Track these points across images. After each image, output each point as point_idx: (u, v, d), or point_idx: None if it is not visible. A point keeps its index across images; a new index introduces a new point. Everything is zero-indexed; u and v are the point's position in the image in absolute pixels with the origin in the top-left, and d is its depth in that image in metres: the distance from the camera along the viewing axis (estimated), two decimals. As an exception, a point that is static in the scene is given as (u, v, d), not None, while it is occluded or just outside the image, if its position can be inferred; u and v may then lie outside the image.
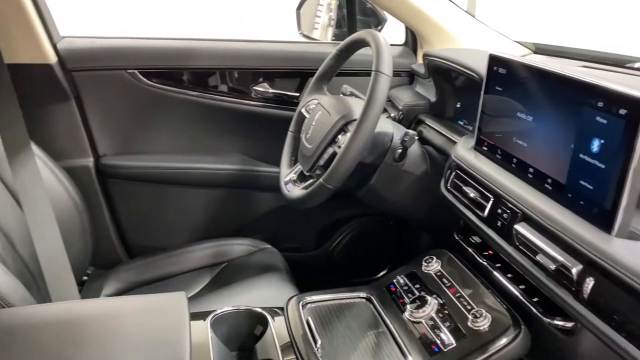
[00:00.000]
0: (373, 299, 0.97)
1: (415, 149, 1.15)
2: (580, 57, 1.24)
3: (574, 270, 0.66)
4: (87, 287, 1.32)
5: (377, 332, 0.89)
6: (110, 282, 1.32)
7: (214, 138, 1.53)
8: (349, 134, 1.00)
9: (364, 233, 1.70)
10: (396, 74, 1.51)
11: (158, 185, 1.50)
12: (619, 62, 1.14)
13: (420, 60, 1.49)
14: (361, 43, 1.16)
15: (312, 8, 1.75)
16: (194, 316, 0.88)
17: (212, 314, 0.88)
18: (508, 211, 0.81)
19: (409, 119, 1.36)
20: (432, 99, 1.36)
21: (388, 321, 0.91)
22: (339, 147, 1.06)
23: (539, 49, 1.40)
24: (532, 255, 0.74)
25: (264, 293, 1.17)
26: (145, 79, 1.43)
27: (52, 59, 1.34)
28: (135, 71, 1.42)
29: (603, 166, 0.66)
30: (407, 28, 1.53)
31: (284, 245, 1.56)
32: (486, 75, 0.92)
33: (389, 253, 1.73)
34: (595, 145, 0.68)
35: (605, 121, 0.66)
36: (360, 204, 1.27)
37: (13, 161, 1.05)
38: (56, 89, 1.37)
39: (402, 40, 1.59)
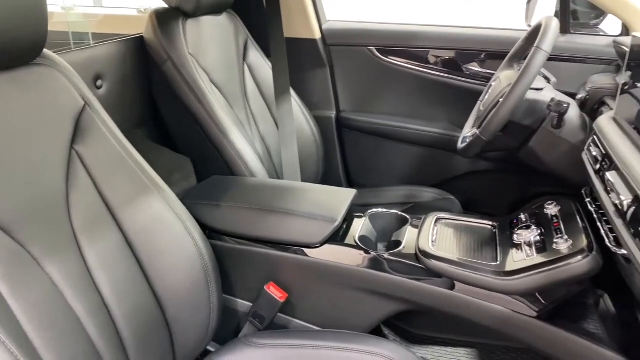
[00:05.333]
0: (496, 226, 1.20)
1: (574, 118, 1.30)
2: None
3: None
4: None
5: (485, 241, 1.14)
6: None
7: (427, 106, 1.87)
8: None
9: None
10: (605, 62, 1.61)
11: (378, 138, 1.93)
12: None
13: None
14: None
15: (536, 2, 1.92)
16: (358, 210, 1.27)
17: (371, 210, 1.26)
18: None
19: (594, 100, 1.47)
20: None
21: (497, 236, 1.15)
22: None
23: None
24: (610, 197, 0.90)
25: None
26: (380, 55, 1.86)
27: (317, 35, 1.88)
28: (374, 48, 1.86)
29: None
30: (622, 19, 1.59)
31: (473, 207, 1.82)
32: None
33: None
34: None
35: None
36: (556, 182, 1.42)
37: (278, 100, 1.60)
38: (317, 58, 1.90)
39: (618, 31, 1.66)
